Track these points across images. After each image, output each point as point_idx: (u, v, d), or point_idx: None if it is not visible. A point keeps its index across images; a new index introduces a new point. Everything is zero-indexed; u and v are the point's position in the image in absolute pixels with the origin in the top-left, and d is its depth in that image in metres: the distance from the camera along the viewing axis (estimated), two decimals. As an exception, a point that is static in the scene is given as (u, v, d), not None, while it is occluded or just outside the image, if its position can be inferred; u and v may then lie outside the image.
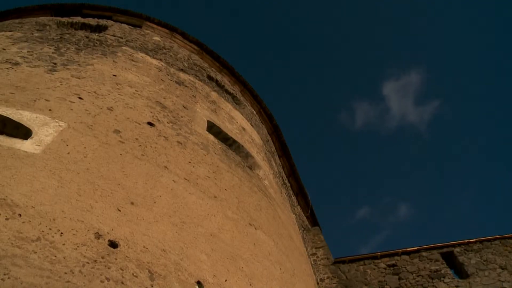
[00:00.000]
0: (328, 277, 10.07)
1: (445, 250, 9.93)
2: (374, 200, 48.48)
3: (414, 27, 44.91)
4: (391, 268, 9.74)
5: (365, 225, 47.02)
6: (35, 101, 5.46)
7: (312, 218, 13.45)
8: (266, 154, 10.34)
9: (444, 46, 43.90)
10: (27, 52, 7.36)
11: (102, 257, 3.50)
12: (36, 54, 7.33)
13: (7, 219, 3.35)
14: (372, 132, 49.49)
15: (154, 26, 11.85)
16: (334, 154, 49.06)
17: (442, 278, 9.18)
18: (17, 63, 6.66)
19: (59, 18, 10.55)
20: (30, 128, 4.79)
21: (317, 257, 10.81)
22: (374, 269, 9.85)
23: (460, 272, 9.44)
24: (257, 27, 47.89)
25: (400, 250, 10.07)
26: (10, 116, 4.91)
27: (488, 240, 9.87)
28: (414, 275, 9.46)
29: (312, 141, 49.04)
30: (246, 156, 8.54)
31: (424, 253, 9.91)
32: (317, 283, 9.39)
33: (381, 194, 48.06)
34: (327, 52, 48.63)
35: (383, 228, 47.24)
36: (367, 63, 48.24)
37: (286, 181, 12.28)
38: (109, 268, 3.43)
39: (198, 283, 4.08)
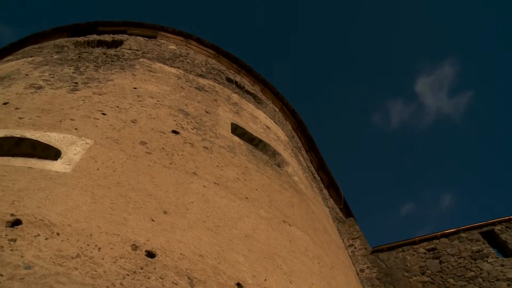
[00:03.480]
0: (367, 267, 9.97)
1: (485, 229, 9.64)
2: (417, 196, 48.02)
3: (443, 18, 43.98)
4: (431, 252, 9.56)
5: (410, 221, 46.62)
6: (61, 121, 5.57)
7: (346, 209, 13.35)
8: (293, 150, 10.30)
9: (475, 35, 42.85)
10: (49, 75, 7.51)
11: (141, 268, 3.54)
12: (57, 75, 7.47)
13: (46, 238, 3.43)
14: (408, 131, 48.98)
15: (169, 35, 11.93)
16: (372, 156, 48.82)
17: (485, 258, 8.95)
18: (40, 87, 6.80)
19: (75, 38, 10.74)
20: (59, 148, 4.89)
21: (355, 248, 10.72)
22: (414, 254, 9.69)
23: (504, 250, 9.17)
24: (283, 26, 47.67)
25: (439, 234, 9.86)
26: (39, 139, 5.02)
27: (531, 215, 9.58)
28: (455, 257, 9.26)
29: (348, 145, 48.92)
30: (273, 154, 8.52)
31: (463, 234, 9.66)
32: (357, 274, 9.31)
33: (424, 189, 47.56)
34: (354, 54, 48.20)
35: (429, 220, 46.75)
36: (397, 61, 47.61)
37: (315, 175, 12.21)
38: (148, 278, 3.47)
39: (238, 284, 4.09)
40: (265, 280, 4.45)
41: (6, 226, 3.44)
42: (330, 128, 48.42)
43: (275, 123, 10.79)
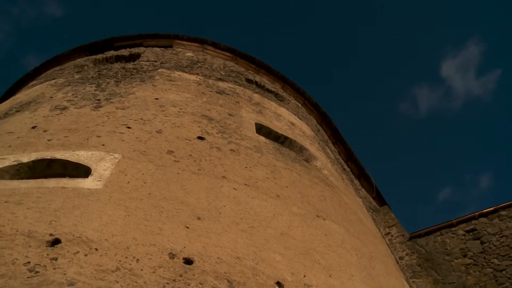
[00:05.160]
0: (407, 254, 9.86)
1: (526, 205, 9.40)
2: (454, 180, 47.12)
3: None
4: (471, 233, 9.35)
5: (449, 206, 45.73)
6: (88, 139, 5.67)
7: (379, 198, 13.22)
8: (319, 143, 10.25)
9: (497, 10, 41.54)
10: (72, 95, 7.65)
11: (180, 275, 3.57)
12: (80, 95, 7.61)
13: (86, 255, 3.50)
14: (438, 116, 48.00)
15: (184, 42, 11.99)
16: (403, 145, 48.08)
17: (529, 235, 8.71)
18: (65, 108, 6.93)
19: (94, 56, 10.90)
20: (89, 165, 4.98)
21: (392, 236, 10.61)
22: (453, 237, 9.50)
23: (549, 224, 8.93)
24: (306, 12, 47.26)
25: (477, 213, 9.64)
26: (69, 159, 5.13)
27: None
28: (497, 236, 9.03)
29: (378, 136, 48.31)
30: (300, 149, 8.49)
31: (503, 212, 9.40)
32: (397, 262, 9.21)
33: (460, 172, 46.62)
34: (375, 45, 47.55)
35: (469, 203, 45.80)
36: (420, 48, 46.65)
37: (345, 166, 12.13)
38: (188, 284, 3.50)
39: (278, 283, 4.09)
40: (304, 276, 4.44)
41: (46, 246, 3.53)
42: (358, 120, 47.74)
43: (299, 118, 10.75)
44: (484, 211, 9.60)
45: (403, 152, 47.66)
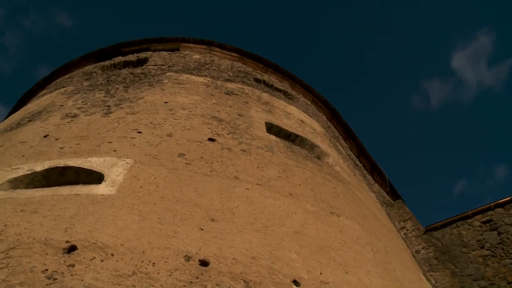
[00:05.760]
0: (423, 248, 9.78)
1: (544, 193, 9.23)
2: (469, 172, 46.54)
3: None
4: (487, 224, 9.23)
5: (465, 198, 45.19)
6: (99, 145, 5.70)
7: (392, 192, 13.14)
8: (330, 140, 10.22)
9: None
10: (82, 102, 7.70)
11: (197, 278, 3.58)
12: (89, 102, 7.66)
13: (102, 260, 3.53)
14: (450, 109, 47.36)
15: (191, 45, 12.00)
16: (417, 138, 47.59)
17: (550, 224, 8.58)
18: (75, 115, 6.98)
19: (102, 63, 10.96)
20: (101, 172, 5.02)
21: (407, 229, 10.54)
22: (469, 229, 9.39)
23: None
24: (311, 12, 46.95)
25: (492, 204, 9.49)
26: (81, 166, 5.17)
27: None
28: (514, 227, 8.92)
29: (390, 130, 47.81)
30: (312, 147, 8.47)
31: (520, 201, 9.28)
32: (413, 256, 9.15)
33: (475, 163, 46.02)
34: (383, 40, 47.14)
35: (485, 194, 45.26)
36: (430, 40, 46.09)
37: (357, 162, 12.07)
38: (205, 286, 3.51)
39: (294, 282, 4.08)
40: (321, 273, 4.43)
41: (63, 253, 3.57)
42: (368, 116, 47.33)
43: (309, 116, 10.72)
44: (500, 201, 9.46)
45: (415, 146, 47.17)
